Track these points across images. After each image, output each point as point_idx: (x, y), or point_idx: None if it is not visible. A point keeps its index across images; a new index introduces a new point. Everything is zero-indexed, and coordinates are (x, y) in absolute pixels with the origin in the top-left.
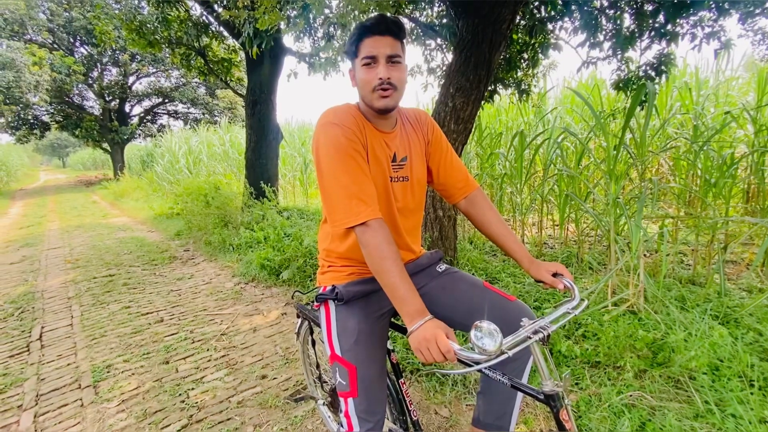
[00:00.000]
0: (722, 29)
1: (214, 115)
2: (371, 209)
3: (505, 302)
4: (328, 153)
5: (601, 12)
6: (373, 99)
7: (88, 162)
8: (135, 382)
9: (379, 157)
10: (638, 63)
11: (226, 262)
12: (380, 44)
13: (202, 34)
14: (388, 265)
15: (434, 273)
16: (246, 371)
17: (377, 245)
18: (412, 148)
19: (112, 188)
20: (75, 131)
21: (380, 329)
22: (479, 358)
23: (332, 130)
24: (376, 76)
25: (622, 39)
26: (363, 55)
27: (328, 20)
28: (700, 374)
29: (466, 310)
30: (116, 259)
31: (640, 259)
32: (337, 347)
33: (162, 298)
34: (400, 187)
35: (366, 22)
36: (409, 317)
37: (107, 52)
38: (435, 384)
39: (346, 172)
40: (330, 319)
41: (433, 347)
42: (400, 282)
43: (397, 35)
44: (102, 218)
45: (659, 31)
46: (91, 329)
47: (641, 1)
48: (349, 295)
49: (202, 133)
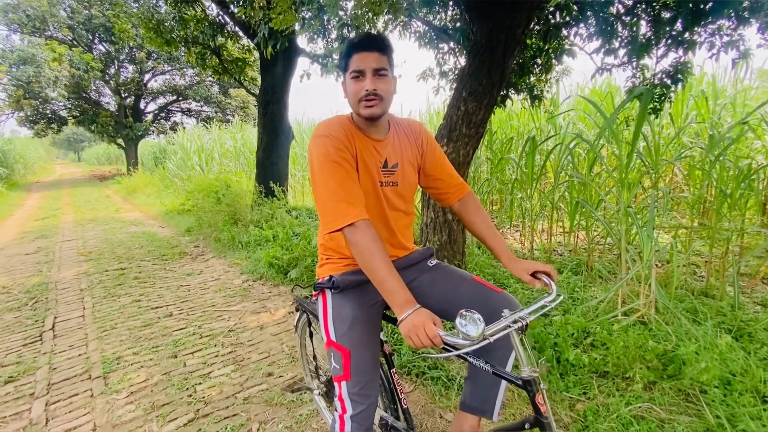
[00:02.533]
0: (741, 38)
1: (227, 114)
2: (358, 210)
3: (492, 293)
4: (318, 162)
5: (617, 18)
6: (360, 108)
7: (103, 157)
8: (144, 374)
9: (369, 163)
10: (654, 71)
11: (235, 259)
12: (367, 59)
13: (218, 34)
14: (377, 262)
15: (425, 267)
16: (252, 368)
17: (366, 244)
18: (404, 155)
19: (125, 183)
20: (91, 126)
21: (374, 318)
22: (463, 343)
23: (322, 142)
24: (363, 87)
25: (638, 46)
26: (352, 69)
27: (341, 22)
28: (711, 388)
29: (454, 301)
30: (128, 253)
31: (652, 269)
32: (333, 333)
33: (171, 292)
34: (390, 191)
35: (354, 39)
36: (399, 307)
37: (124, 50)
38: (440, 388)
39: (333, 179)
40: (327, 306)
41: (421, 333)
42: (389, 276)
43: (383, 50)
44: (115, 212)
45: (676, 39)
46: (102, 321)
47: (659, 8)
48: (344, 283)
49: (214, 131)
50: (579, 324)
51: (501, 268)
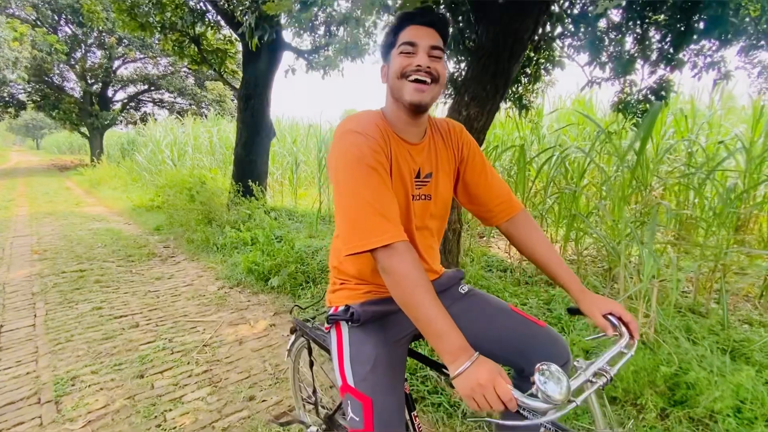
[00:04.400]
0: (723, 60)
1: (202, 107)
2: (397, 230)
3: (537, 329)
4: (348, 164)
5: (605, 33)
6: (406, 90)
7: (64, 146)
8: (104, 398)
9: (403, 171)
10: (639, 86)
11: (210, 262)
12: (423, 33)
13: (198, 22)
14: (421, 296)
15: (457, 295)
16: (231, 390)
17: (406, 272)
18: (440, 165)
19: (88, 175)
20: (52, 112)
21: (399, 356)
22: (545, 407)
23: (354, 140)
24: (415, 62)
25: (624, 62)
26: (402, 41)
27: (332, 17)
28: (723, 416)
29: (496, 338)
30: (89, 252)
31: (654, 288)
32: (350, 377)
33: (138, 299)
34: (420, 206)
35: (412, 11)
36: (451, 355)
37: (93, 34)
38: (443, 415)
39: (367, 186)
40: (342, 343)
41: (490, 395)
42: (437, 314)
43: (442, 30)
44: (75, 206)
45: (665, 56)
46: (56, 332)
47: (647, 26)
48: (366, 315)
49: (188, 124)
50: (583, 344)
51: (491, 280)
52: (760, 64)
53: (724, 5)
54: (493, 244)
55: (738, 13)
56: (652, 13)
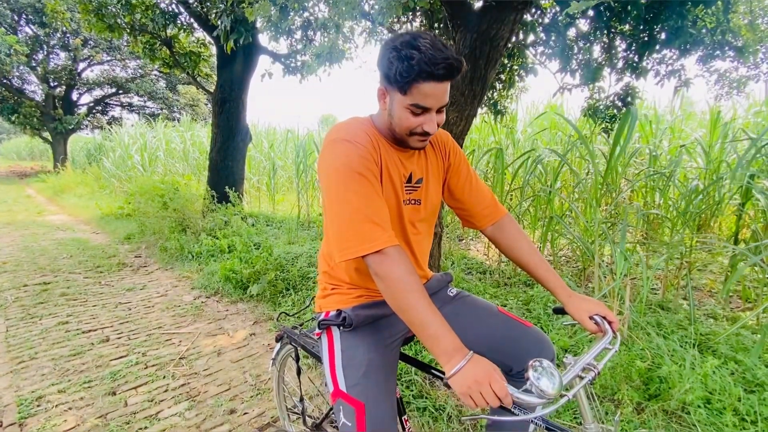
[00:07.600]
0: (683, 68)
1: (174, 111)
2: (388, 235)
3: (524, 329)
4: (337, 172)
5: (575, 42)
6: (410, 140)
7: (24, 151)
8: (73, 419)
9: (393, 177)
10: (607, 93)
11: (185, 271)
12: (438, 92)
13: (170, 24)
14: (414, 300)
15: (446, 297)
16: (211, 404)
17: (399, 277)
18: (430, 170)
19: (51, 182)
20: (11, 117)
21: (391, 360)
22: (538, 402)
23: (343, 147)
24: (422, 125)
25: (592, 70)
26: (414, 101)
27: (310, 22)
28: (694, 407)
29: (485, 339)
30: (53, 263)
31: (627, 287)
32: (342, 382)
33: (108, 312)
34: (411, 210)
35: (430, 62)
36: (446, 356)
37: (56, 34)
38: (428, 419)
39: (358, 193)
40: (334, 348)
41: (486, 391)
42: (431, 317)
43: (456, 77)
44: (37, 215)
45: (630, 65)
46: (18, 349)
47: (612, 35)
48: (358, 319)
49: (159, 129)
50: (562, 343)
51: (471, 282)
52: (716, 72)
53: (683, 17)
54: (472, 246)
55: (696, 25)
56: (617, 23)
